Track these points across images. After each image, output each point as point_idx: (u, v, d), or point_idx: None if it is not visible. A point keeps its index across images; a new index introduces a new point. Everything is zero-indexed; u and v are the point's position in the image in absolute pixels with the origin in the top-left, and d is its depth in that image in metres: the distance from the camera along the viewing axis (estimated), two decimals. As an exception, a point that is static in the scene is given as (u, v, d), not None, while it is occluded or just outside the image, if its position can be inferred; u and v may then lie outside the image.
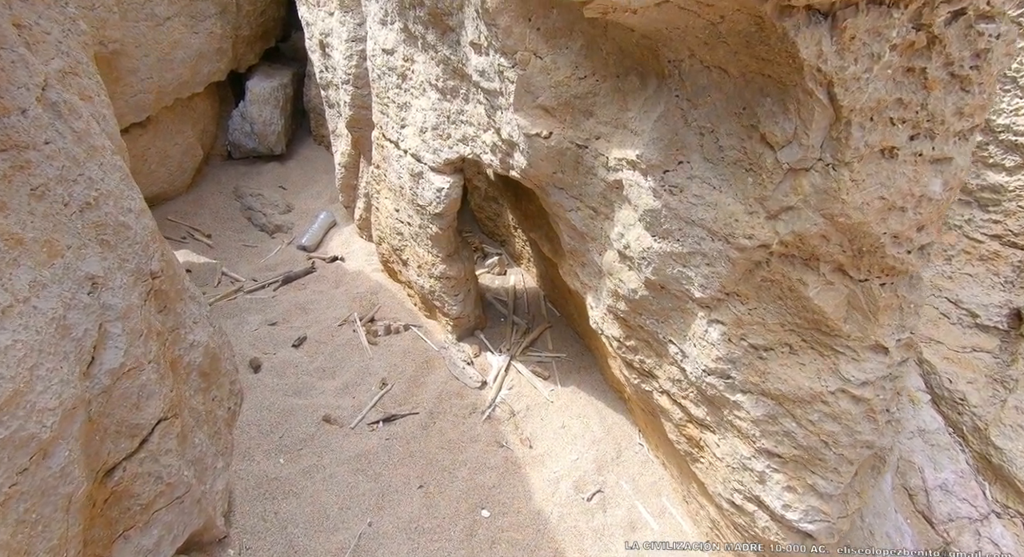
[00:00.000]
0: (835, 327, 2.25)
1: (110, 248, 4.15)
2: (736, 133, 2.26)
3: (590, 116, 3.00)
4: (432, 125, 4.81)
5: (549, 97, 3.06)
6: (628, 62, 2.71)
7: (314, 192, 8.99)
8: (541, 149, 3.24)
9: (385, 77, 5.44)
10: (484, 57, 3.38)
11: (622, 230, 3.04)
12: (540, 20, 2.87)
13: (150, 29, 7.17)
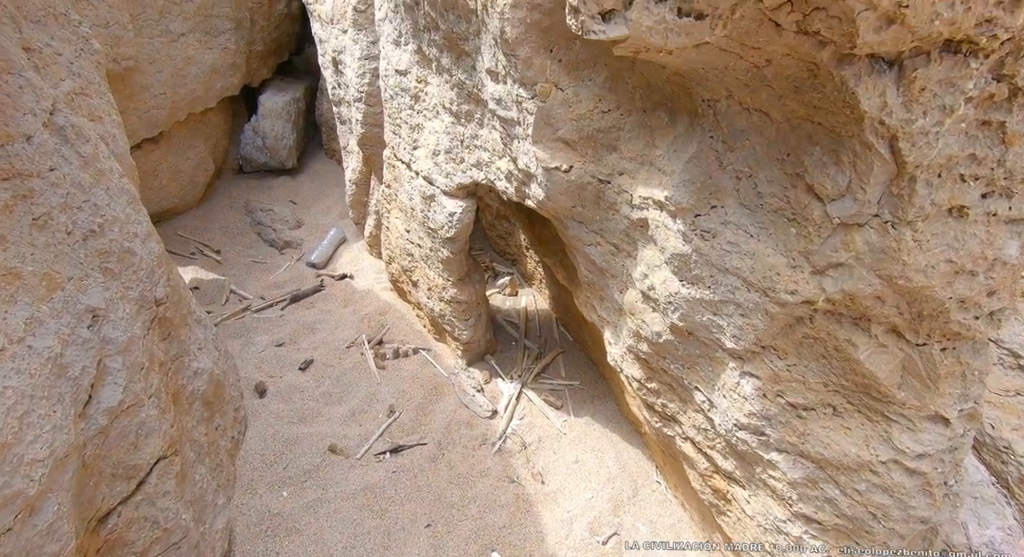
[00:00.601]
0: (888, 393, 2.04)
1: (113, 277, 4.01)
2: (778, 180, 2.07)
3: (613, 151, 2.82)
4: (445, 148, 4.66)
5: (570, 130, 2.89)
6: (656, 97, 2.53)
7: (324, 207, 8.88)
8: (560, 183, 3.06)
9: (398, 98, 5.31)
10: (501, 85, 3.22)
11: (646, 270, 2.85)
12: (562, 52, 2.70)
13: (164, 45, 7.12)
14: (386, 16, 5.15)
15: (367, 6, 6.17)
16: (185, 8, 7.23)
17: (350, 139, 7.56)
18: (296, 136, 9.31)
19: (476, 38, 3.50)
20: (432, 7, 3.76)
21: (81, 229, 3.92)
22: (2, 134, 3.59)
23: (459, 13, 3.52)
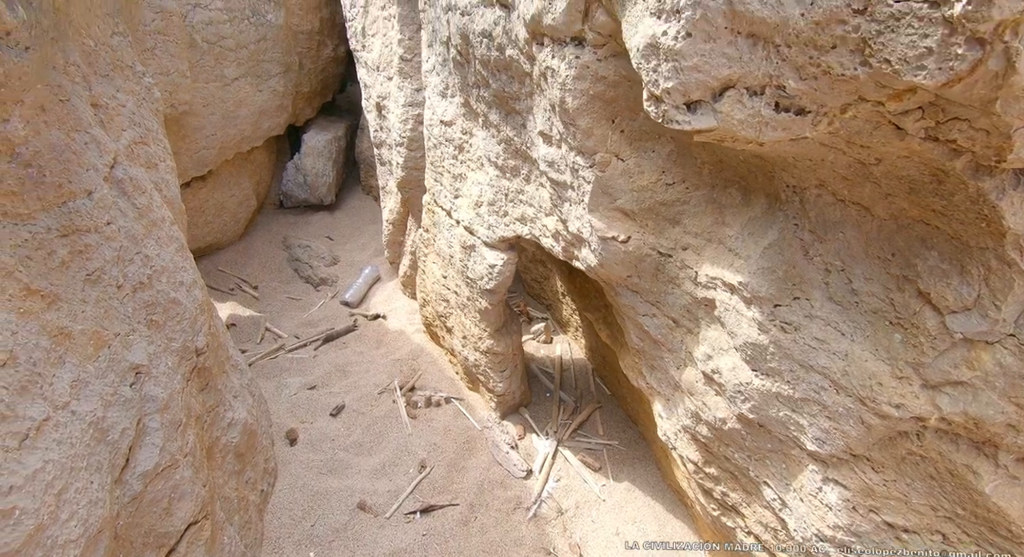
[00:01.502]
0: (1021, 534, 1.74)
1: (158, 328, 3.93)
2: (879, 279, 1.84)
3: (676, 224, 2.63)
4: (488, 200, 4.55)
5: (629, 201, 2.72)
6: (728, 174, 2.35)
7: (360, 243, 8.89)
8: (617, 253, 2.88)
9: (441, 147, 5.26)
10: (554, 149, 3.09)
11: (710, 352, 2.62)
12: (625, 123, 2.56)
13: (218, 89, 7.32)
14: (433, 68, 5.15)
15: (413, 56, 6.23)
16: (240, 54, 7.46)
17: (389, 180, 7.58)
18: (335, 173, 9.43)
19: (528, 99, 3.40)
20: (484, 67, 3.69)
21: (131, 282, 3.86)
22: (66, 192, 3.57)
23: (512, 74, 3.43)
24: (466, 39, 3.77)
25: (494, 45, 3.39)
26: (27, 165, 3.39)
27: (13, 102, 3.28)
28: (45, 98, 3.59)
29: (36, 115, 3.46)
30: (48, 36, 3.63)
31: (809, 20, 1.31)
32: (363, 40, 7.11)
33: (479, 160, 4.64)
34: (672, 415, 3.31)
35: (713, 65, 1.52)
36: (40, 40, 3.48)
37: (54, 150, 3.60)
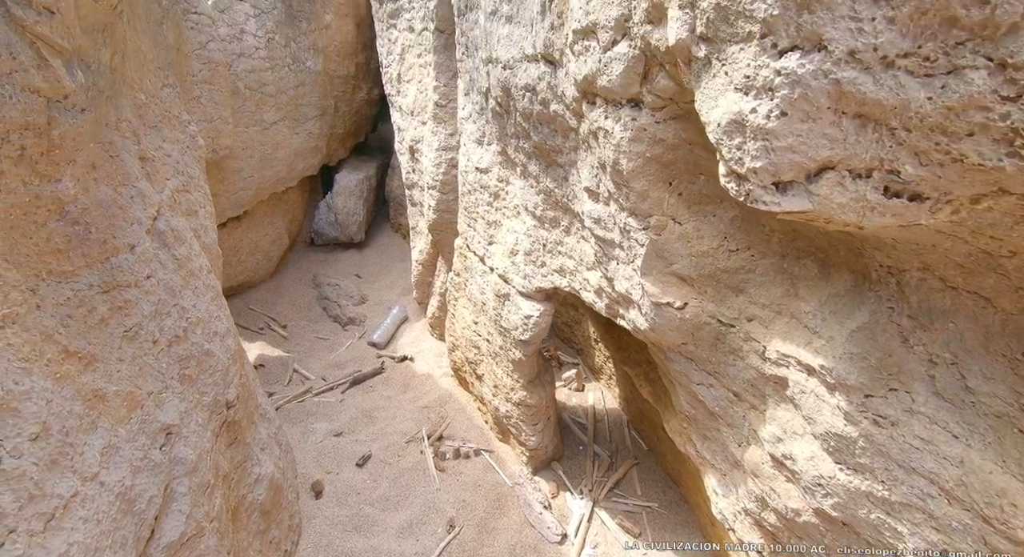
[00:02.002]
0: None
1: (191, 383, 3.82)
2: (1003, 380, 1.61)
3: (740, 293, 2.45)
4: (525, 250, 4.43)
5: (686, 266, 2.56)
6: (802, 245, 2.17)
7: (388, 282, 8.86)
8: (672, 319, 2.69)
9: (476, 193, 5.21)
10: (602, 206, 2.97)
11: (780, 434, 2.38)
12: (683, 186, 2.42)
13: (257, 133, 7.50)
14: (470, 116, 5.16)
15: (448, 102, 6.29)
16: (279, 100, 7.67)
17: (420, 221, 7.59)
18: (366, 212, 9.51)
19: (572, 153, 3.31)
20: (525, 119, 3.64)
21: (167, 335, 3.76)
22: (110, 247, 3.52)
23: (555, 128, 3.36)
24: (507, 92, 3.74)
25: (537, 99, 3.34)
26: (75, 223, 3.36)
27: (66, 162, 3.26)
28: (97, 155, 3.59)
29: (87, 173, 3.45)
30: (103, 95, 3.67)
31: (939, 105, 1.16)
32: (398, 85, 7.24)
33: (515, 208, 4.55)
34: (730, 494, 3.03)
35: (811, 146, 1.38)
36: (96, 101, 3.52)
37: (101, 206, 3.58)
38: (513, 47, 3.48)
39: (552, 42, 2.87)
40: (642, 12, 1.93)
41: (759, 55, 1.38)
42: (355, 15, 8.56)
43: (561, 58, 2.82)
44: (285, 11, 7.44)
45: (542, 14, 2.90)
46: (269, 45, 7.22)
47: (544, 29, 2.91)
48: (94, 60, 3.32)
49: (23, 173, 2.91)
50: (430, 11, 5.93)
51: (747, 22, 1.38)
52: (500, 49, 3.69)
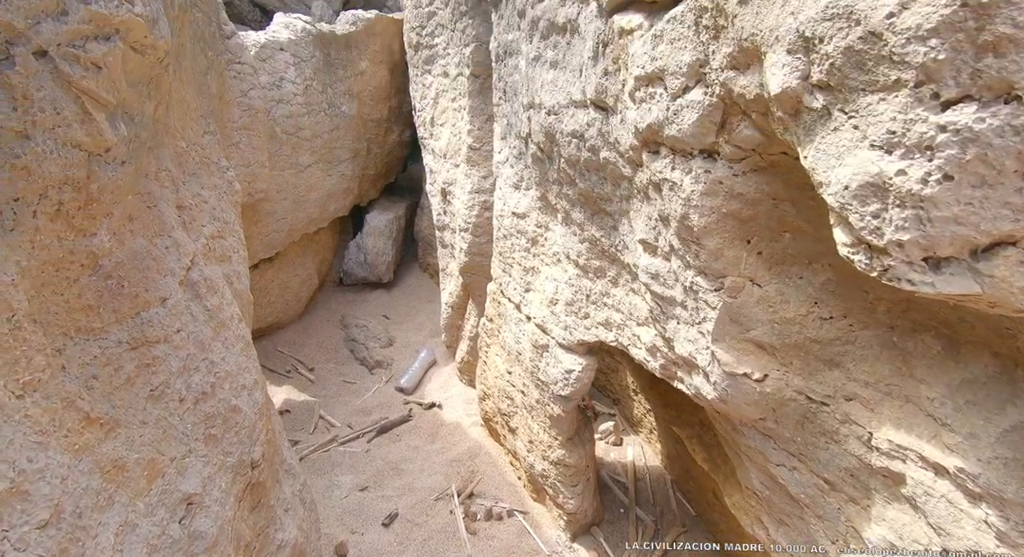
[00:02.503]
0: None
1: (215, 443, 3.59)
2: None
3: (836, 367, 2.14)
4: (566, 299, 4.19)
5: (767, 333, 2.27)
6: (920, 317, 1.87)
7: (416, 323, 8.68)
8: (748, 392, 2.39)
9: (512, 238, 5.05)
10: (660, 261, 2.72)
11: (895, 539, 2.01)
12: (764, 244, 2.17)
13: (292, 176, 7.57)
14: (506, 160, 5.05)
15: (481, 145, 6.24)
16: (314, 143, 7.76)
17: (451, 263, 7.45)
18: (395, 252, 9.46)
19: (623, 202, 3.10)
20: (570, 166, 3.48)
21: (194, 392, 3.53)
22: (142, 301, 3.33)
23: (604, 176, 3.18)
24: (551, 137, 3.60)
25: (585, 146, 3.17)
26: (108, 277, 3.18)
27: (103, 215, 3.11)
28: (134, 207, 3.46)
29: (123, 225, 3.30)
30: (145, 146, 3.60)
31: None
32: (431, 129, 7.27)
33: (555, 256, 4.34)
34: (815, 592, 2.61)
35: (985, 217, 1.12)
36: (137, 152, 3.43)
37: (136, 258, 3.42)
38: (558, 93, 3.36)
39: (605, 88, 2.71)
40: (724, 57, 1.74)
41: (911, 107, 1.15)
42: (389, 61, 8.76)
43: (616, 105, 2.66)
44: (323, 59, 7.63)
45: (594, 59, 2.76)
46: (307, 91, 7.37)
47: (596, 75, 2.77)
48: (138, 112, 3.29)
49: (59, 229, 2.80)
50: (466, 57, 5.95)
51: (893, 68, 1.16)
52: (544, 94, 3.57)
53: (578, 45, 3.05)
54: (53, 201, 2.63)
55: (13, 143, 2.43)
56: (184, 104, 4.64)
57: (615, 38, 2.49)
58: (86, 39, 2.75)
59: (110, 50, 2.83)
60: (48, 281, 2.71)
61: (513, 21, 4.29)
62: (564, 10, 3.15)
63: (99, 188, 2.84)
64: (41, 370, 2.46)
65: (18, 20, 2.41)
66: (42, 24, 2.53)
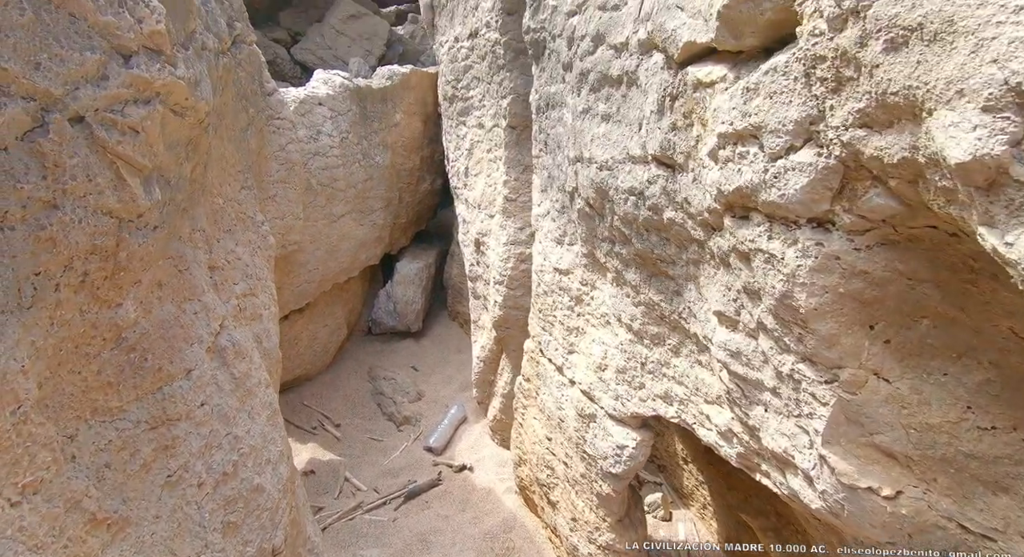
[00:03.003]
0: None
1: (234, 533, 3.21)
2: None
3: (1003, 493, 1.70)
4: (617, 366, 3.82)
5: (900, 440, 1.85)
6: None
7: (446, 375, 8.32)
8: (874, 511, 1.94)
9: (553, 295, 4.75)
10: (743, 337, 2.35)
11: None
12: (893, 332, 1.79)
13: (325, 226, 7.51)
14: (547, 213, 4.83)
15: (518, 196, 6.06)
16: (348, 194, 7.74)
17: (483, 315, 7.17)
18: (424, 301, 9.24)
19: (691, 267, 2.78)
20: (626, 224, 3.20)
21: (214, 474, 3.19)
22: (165, 375, 3.02)
23: (667, 237, 2.88)
24: (602, 193, 3.34)
25: (645, 204, 2.89)
26: (131, 350, 2.89)
27: (131, 284, 2.83)
28: (164, 272, 3.20)
29: (151, 292, 3.02)
30: (180, 208, 3.41)
31: None
32: (465, 179, 7.17)
33: (603, 317, 4.00)
34: None
35: None
36: (170, 216, 3.22)
37: (162, 327, 3.13)
38: (612, 147, 3.13)
39: (673, 144, 2.45)
40: (849, 114, 1.44)
41: None
42: (422, 113, 8.85)
43: (686, 163, 2.39)
44: (359, 112, 7.72)
45: (658, 113, 2.52)
46: (343, 144, 7.41)
47: (661, 130, 2.52)
48: (174, 174, 3.16)
49: (82, 301, 2.58)
50: (502, 108, 5.88)
51: None
52: (594, 148, 3.35)
53: (636, 98, 2.84)
54: (78, 272, 2.42)
55: (40, 214, 2.27)
56: (223, 160, 4.58)
57: (687, 91, 2.25)
58: (125, 103, 2.63)
59: (149, 114, 2.70)
60: (66, 359, 2.47)
61: (557, 74, 4.16)
62: (620, 62, 2.96)
63: (128, 255, 2.65)
64: (45, 468, 2.17)
65: (56, 87, 2.30)
66: (80, 90, 2.42)
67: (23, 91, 2.09)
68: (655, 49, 2.56)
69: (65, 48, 2.21)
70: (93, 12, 2.31)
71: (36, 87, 2.14)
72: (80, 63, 2.28)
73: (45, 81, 2.17)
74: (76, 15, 2.26)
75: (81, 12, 2.28)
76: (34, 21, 2.11)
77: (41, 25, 2.14)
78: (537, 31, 4.36)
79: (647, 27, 2.55)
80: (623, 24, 2.91)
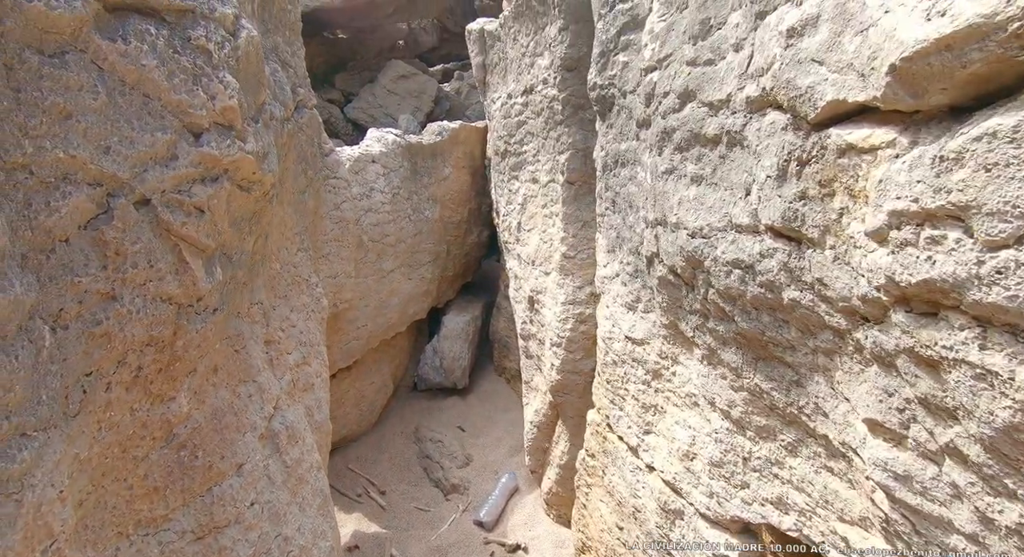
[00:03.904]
0: None
1: None
2: None
3: None
4: (711, 458, 3.30)
5: None
6: None
7: (494, 437, 7.82)
8: None
9: (624, 366, 4.32)
10: (916, 459, 1.83)
11: None
12: None
13: (375, 282, 7.38)
14: (616, 275, 4.48)
15: (576, 253, 5.75)
16: (398, 248, 7.64)
17: (536, 376, 6.74)
18: (471, 355, 8.91)
19: (822, 357, 2.32)
20: (726, 299, 2.79)
21: None
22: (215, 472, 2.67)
23: (785, 318, 2.45)
24: (694, 262, 2.96)
25: (755, 281, 2.50)
26: (181, 447, 2.52)
27: (186, 373, 2.52)
28: (221, 355, 2.91)
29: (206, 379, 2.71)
30: (240, 284, 3.15)
31: None
32: (517, 234, 6.95)
33: (689, 397, 3.53)
34: None
35: None
36: (231, 294, 2.94)
37: (215, 416, 2.83)
38: (708, 213, 2.78)
39: (800, 216, 2.08)
40: None
41: None
42: (470, 166, 8.83)
43: (823, 238, 2.00)
44: (410, 168, 7.73)
45: (779, 179, 2.17)
46: (394, 199, 7.38)
47: (782, 198, 2.16)
48: (237, 251, 2.97)
49: (133, 399, 2.32)
50: (560, 164, 5.67)
51: None
52: (682, 213, 3.01)
53: (742, 160, 2.51)
54: (132, 367, 2.18)
55: (96, 308, 2.07)
56: (282, 224, 4.47)
57: (827, 156, 1.90)
58: (192, 182, 2.47)
59: (216, 192, 2.52)
60: (111, 468, 2.19)
61: (628, 131, 3.90)
62: (716, 120, 2.66)
63: (185, 344, 2.41)
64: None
65: (123, 170, 2.14)
66: (148, 172, 2.26)
67: (90, 177, 1.95)
68: (771, 107, 2.24)
69: (136, 130, 2.08)
70: (167, 91, 2.20)
71: (103, 172, 1.99)
72: (150, 144, 2.14)
73: (113, 165, 2.03)
74: (150, 95, 2.15)
75: (155, 92, 2.16)
76: (107, 104, 1.99)
77: (113, 108, 2.02)
78: (604, 87, 4.16)
79: (762, 83, 2.24)
80: (721, 80, 2.62)
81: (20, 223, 1.70)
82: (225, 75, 2.47)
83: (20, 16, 1.73)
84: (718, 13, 2.73)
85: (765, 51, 2.24)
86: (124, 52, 2.06)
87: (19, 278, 1.57)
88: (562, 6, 5.02)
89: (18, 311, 1.50)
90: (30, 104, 1.75)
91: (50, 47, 1.85)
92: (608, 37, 4.01)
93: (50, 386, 1.76)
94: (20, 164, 1.72)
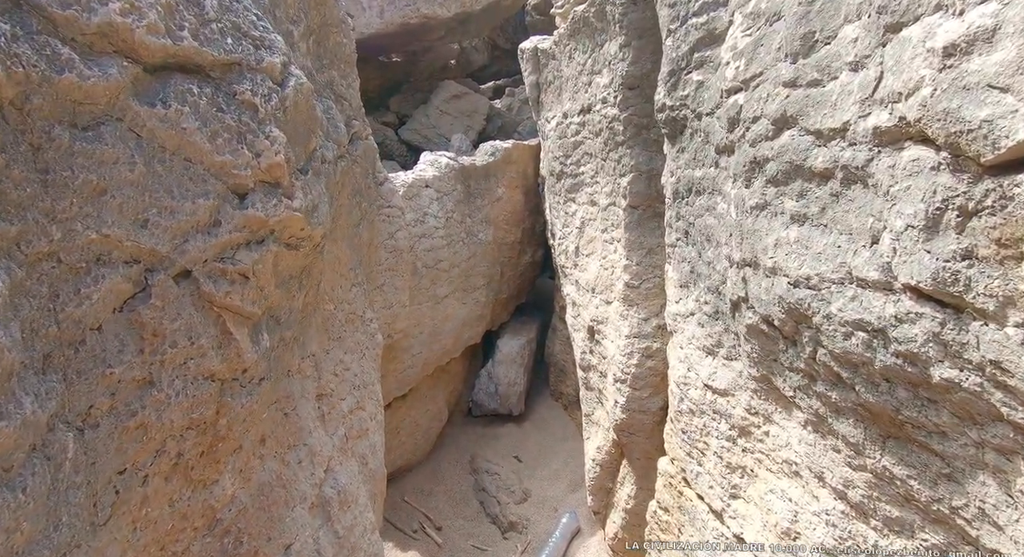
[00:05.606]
0: None
1: None
2: None
3: None
4: (821, 543, 2.75)
5: None
6: None
7: (552, 470, 7.42)
8: None
9: (703, 417, 3.83)
10: None
11: None
12: None
13: (429, 309, 7.22)
14: (691, 314, 4.01)
15: (640, 282, 5.31)
16: (451, 273, 7.46)
17: (597, 410, 6.31)
18: (526, 381, 8.57)
19: (992, 454, 1.78)
20: (842, 364, 2.29)
21: None
22: None
23: (932, 398, 1.93)
24: (797, 316, 2.48)
25: (889, 349, 2.01)
26: (225, 533, 2.19)
27: (230, 452, 2.21)
28: (268, 424, 2.63)
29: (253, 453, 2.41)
30: (288, 343, 2.90)
31: None
32: (575, 259, 6.57)
33: (787, 464, 3.01)
34: None
35: None
36: (279, 359, 2.69)
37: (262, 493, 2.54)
38: (817, 261, 2.31)
39: (964, 279, 1.60)
40: None
41: None
42: (523, 185, 8.55)
43: (1003, 312, 1.51)
44: (464, 191, 7.55)
45: (927, 231, 1.69)
46: (447, 224, 7.22)
47: (933, 255, 1.68)
48: (285, 311, 2.77)
49: (172, 490, 2.11)
50: (621, 187, 5.26)
51: None
52: (780, 256, 2.55)
53: (865, 201, 2.03)
54: (171, 456, 1.98)
55: (130, 398, 1.90)
56: (336, 262, 4.31)
57: (1016, 209, 1.43)
58: (236, 248, 2.29)
59: (261, 257, 2.31)
60: None
61: (705, 156, 3.46)
62: (827, 152, 2.20)
63: (229, 422, 2.21)
64: None
65: (163, 244, 1.94)
66: (189, 242, 2.05)
67: (126, 255, 1.78)
68: (912, 140, 1.77)
69: (176, 199, 1.91)
70: (210, 153, 2.02)
71: (141, 248, 1.81)
72: (191, 212, 1.96)
73: (151, 240, 1.86)
74: (191, 159, 1.98)
75: (197, 156, 1.99)
76: (144, 174, 1.82)
77: (152, 177, 1.85)
78: (675, 109, 3.73)
79: (899, 112, 1.78)
80: (834, 104, 2.16)
81: (43, 320, 1.52)
82: (272, 129, 2.28)
83: (50, 90, 1.57)
84: (825, 26, 2.27)
85: (904, 73, 1.77)
86: (164, 117, 1.88)
87: (34, 390, 1.37)
88: (623, 21, 4.64)
89: (26, 436, 1.30)
90: (59, 185, 1.58)
91: (83, 120, 1.68)
92: (679, 54, 3.59)
93: (72, 502, 1.56)
94: (46, 254, 1.54)
